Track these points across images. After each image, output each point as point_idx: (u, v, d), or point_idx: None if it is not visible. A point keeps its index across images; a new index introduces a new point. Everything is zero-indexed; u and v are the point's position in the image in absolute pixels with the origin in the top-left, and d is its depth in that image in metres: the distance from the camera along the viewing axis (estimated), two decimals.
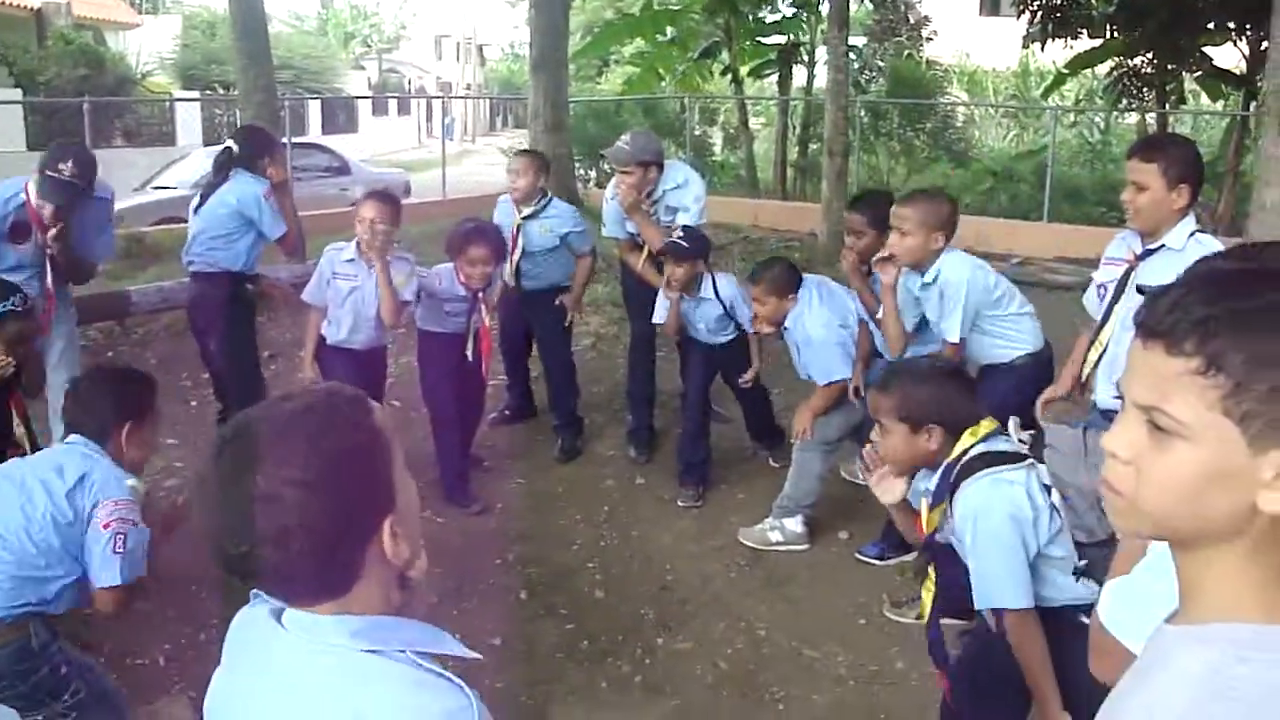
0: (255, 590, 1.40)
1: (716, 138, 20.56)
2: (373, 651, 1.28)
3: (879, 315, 4.57)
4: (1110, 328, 3.76)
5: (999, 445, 2.78)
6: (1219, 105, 16.01)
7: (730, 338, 5.61)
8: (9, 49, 20.30)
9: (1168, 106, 14.53)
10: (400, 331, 6.17)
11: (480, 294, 5.35)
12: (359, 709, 1.24)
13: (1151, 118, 14.90)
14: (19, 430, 4.01)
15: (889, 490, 2.93)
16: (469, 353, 5.43)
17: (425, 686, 1.27)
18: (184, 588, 4.55)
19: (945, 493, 2.77)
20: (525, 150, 7.27)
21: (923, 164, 17.15)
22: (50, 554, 2.96)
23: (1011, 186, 15.49)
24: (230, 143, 5.80)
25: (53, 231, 4.85)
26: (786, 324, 5.02)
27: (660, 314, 5.68)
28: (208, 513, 1.30)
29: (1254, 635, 1.01)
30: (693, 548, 5.20)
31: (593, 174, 16.04)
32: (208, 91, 25.56)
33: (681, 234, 5.43)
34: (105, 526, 2.95)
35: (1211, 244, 3.47)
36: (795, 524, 5.13)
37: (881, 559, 4.96)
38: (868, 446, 2.94)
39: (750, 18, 17.38)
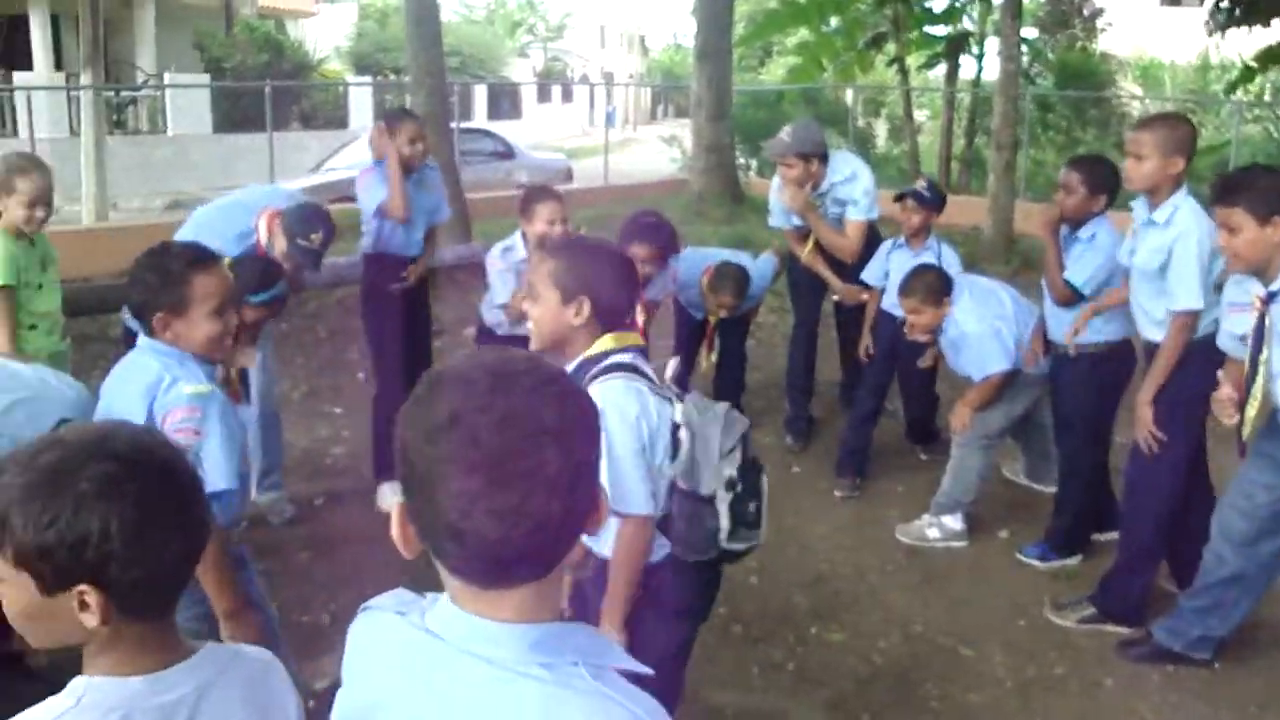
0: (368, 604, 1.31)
1: (881, 129, 20.25)
2: (546, 665, 1.17)
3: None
4: (1259, 380, 3.49)
5: (638, 363, 2.60)
6: None
7: None
8: (201, 37, 21.41)
9: None
10: None
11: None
12: None
13: None
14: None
15: None
16: None
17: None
18: (351, 549, 4.74)
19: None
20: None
21: None
22: None
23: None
24: None
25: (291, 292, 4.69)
26: (941, 326, 4.98)
27: (875, 274, 5.80)
28: (475, 481, 1.10)
29: None
30: (848, 539, 5.15)
31: (754, 163, 16.00)
32: (379, 77, 26.35)
33: (925, 185, 5.77)
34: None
35: None
36: (954, 521, 5.05)
37: (1043, 560, 4.84)
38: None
39: (918, 8, 17.05)
